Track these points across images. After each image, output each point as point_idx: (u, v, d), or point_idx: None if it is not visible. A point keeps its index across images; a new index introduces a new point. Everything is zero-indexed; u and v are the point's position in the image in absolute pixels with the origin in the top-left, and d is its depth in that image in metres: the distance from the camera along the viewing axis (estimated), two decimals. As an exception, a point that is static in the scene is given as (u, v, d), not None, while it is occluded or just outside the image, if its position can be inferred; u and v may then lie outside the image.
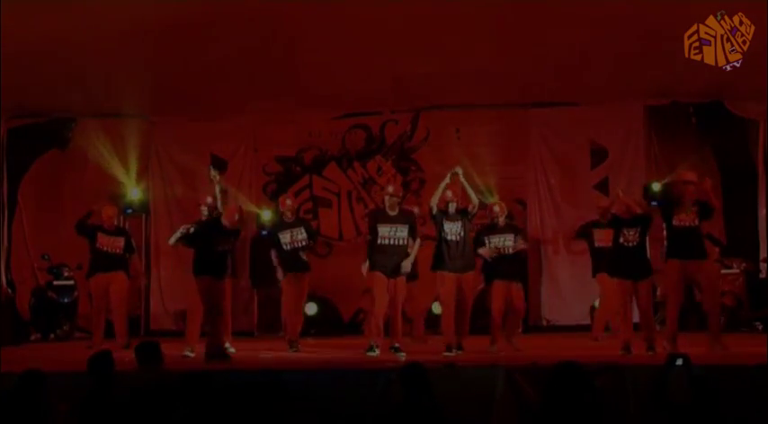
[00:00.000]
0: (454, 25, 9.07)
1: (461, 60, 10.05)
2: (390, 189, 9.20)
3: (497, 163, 11.77)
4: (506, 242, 9.20)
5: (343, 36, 9.29)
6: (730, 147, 12.26)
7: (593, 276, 10.13)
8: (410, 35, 9.30)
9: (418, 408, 4.90)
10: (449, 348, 8.47)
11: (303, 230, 9.57)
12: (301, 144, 12.83)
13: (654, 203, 11.38)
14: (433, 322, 10.62)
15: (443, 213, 8.78)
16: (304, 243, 9.51)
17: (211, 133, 12.59)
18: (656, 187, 11.81)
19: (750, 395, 6.17)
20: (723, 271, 11.32)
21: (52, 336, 11.55)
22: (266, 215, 11.84)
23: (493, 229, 9.28)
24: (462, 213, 8.81)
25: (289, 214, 9.64)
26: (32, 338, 11.44)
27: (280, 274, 9.45)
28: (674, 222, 8.60)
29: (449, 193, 8.81)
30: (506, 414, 6.21)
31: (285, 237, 9.48)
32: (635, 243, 8.48)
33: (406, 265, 8.81)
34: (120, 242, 10.02)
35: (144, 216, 12.41)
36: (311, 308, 10.84)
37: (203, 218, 9.29)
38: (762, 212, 11.79)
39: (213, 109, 11.98)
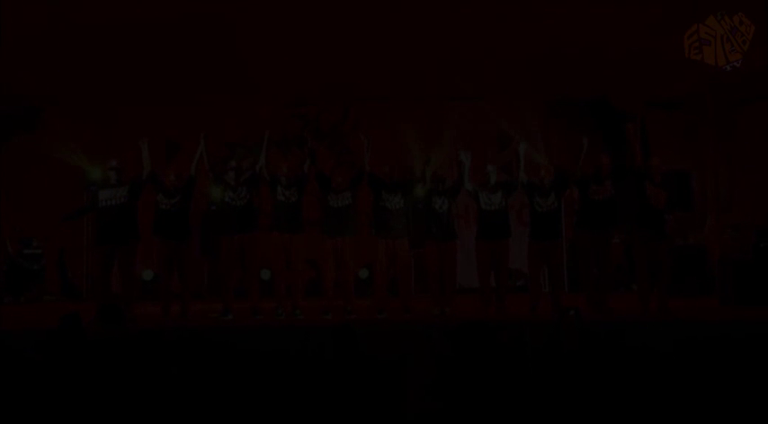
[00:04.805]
0: (379, 27, 9.03)
1: (387, 58, 10.03)
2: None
3: (421, 147, 11.74)
4: (494, 199, 8.61)
5: (282, 38, 9.21)
6: (616, 137, 12.47)
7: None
8: (340, 36, 9.24)
9: (347, 362, 4.86)
10: (380, 311, 8.33)
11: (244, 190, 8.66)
12: (246, 130, 12.68)
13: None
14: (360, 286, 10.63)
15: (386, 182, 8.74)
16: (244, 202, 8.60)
17: (166, 120, 12.38)
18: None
19: (625, 343, 6.32)
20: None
21: (22, 298, 11.49)
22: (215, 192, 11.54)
23: (485, 187, 8.75)
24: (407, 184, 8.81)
25: (231, 174, 8.71)
26: (5, 300, 11.17)
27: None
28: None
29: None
30: (425, 365, 6.23)
31: (228, 196, 8.66)
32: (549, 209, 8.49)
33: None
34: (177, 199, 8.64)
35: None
36: (265, 274, 10.58)
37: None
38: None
39: (168, 99, 11.84)
